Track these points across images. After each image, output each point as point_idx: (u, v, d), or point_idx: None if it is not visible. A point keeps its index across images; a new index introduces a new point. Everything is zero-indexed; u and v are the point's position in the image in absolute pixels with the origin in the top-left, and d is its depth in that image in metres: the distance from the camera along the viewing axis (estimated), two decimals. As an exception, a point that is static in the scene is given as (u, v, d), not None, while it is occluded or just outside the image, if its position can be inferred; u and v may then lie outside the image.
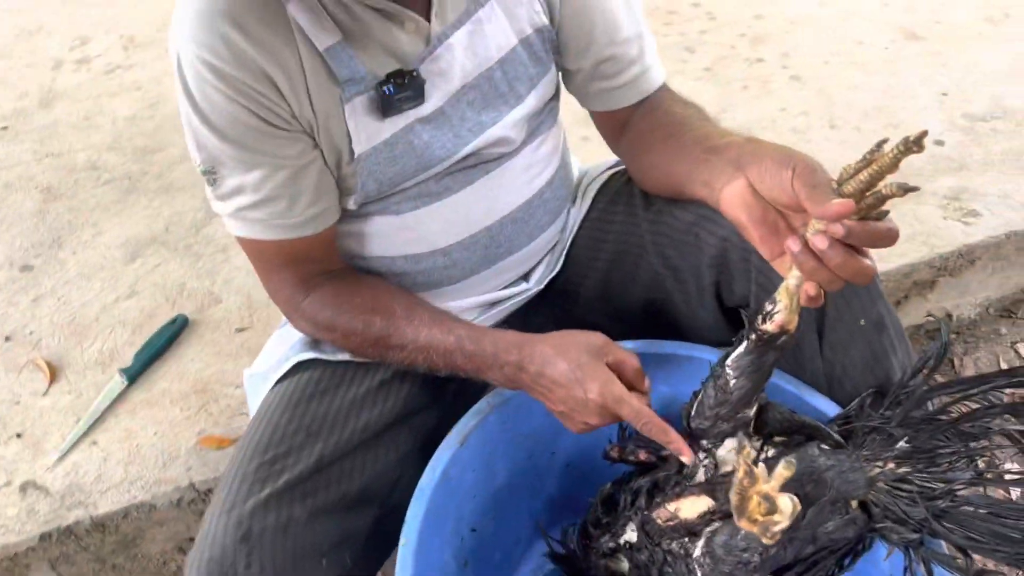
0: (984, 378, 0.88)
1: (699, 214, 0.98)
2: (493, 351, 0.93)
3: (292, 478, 0.91)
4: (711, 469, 0.92)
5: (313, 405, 0.99)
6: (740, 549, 0.82)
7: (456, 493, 0.99)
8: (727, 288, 0.99)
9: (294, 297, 0.99)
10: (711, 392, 0.89)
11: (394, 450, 1.01)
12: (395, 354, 0.97)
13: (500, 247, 1.05)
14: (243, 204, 0.92)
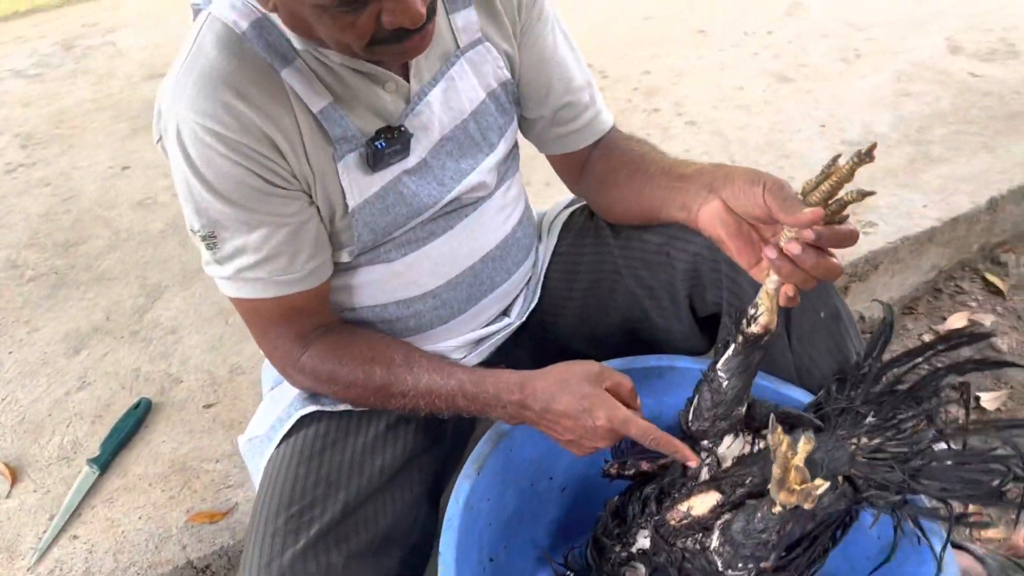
0: (926, 346, 1.00)
1: (667, 235, 1.08)
2: (495, 391, 0.98)
3: (323, 527, 0.93)
4: (714, 466, 1.00)
5: (327, 456, 1.01)
6: (759, 531, 0.89)
7: (477, 521, 1.02)
8: (700, 299, 1.09)
9: (292, 352, 1.02)
10: (707, 395, 0.97)
11: (408, 491, 1.04)
12: (397, 401, 1.01)
13: (483, 284, 1.12)
14: (244, 264, 0.95)
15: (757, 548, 0.90)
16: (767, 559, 0.91)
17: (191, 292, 1.67)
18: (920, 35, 2.37)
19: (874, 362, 1.03)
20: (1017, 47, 2.28)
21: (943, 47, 2.32)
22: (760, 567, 0.91)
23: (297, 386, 1.07)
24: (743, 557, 0.92)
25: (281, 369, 1.05)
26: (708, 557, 0.95)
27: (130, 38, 2.79)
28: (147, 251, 1.80)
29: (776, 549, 0.91)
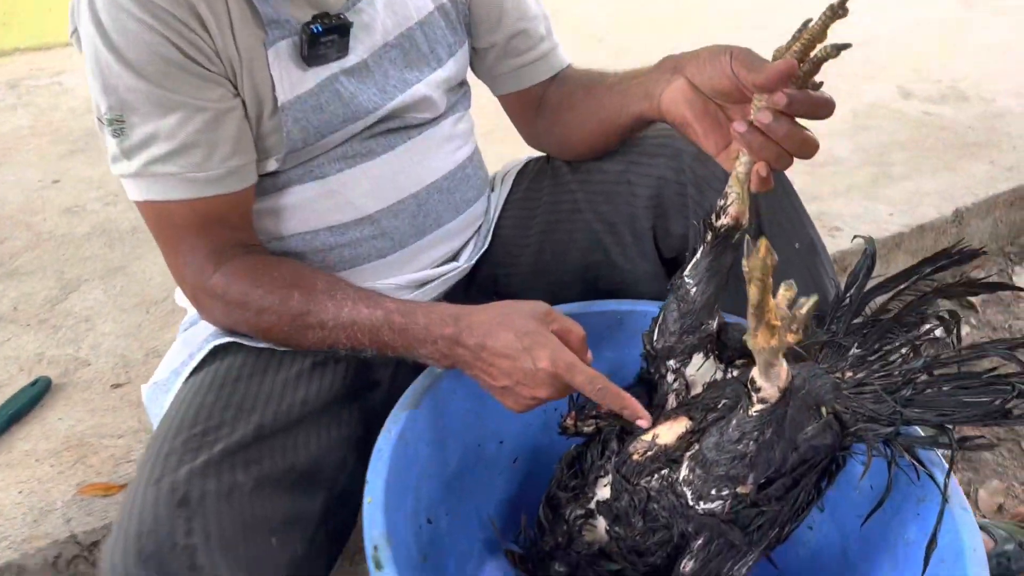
0: (911, 270, 0.92)
1: (628, 161, 1.00)
2: (425, 323, 0.85)
3: (230, 445, 0.79)
4: (682, 391, 0.88)
5: (242, 385, 0.87)
6: (733, 441, 0.77)
7: (413, 465, 0.88)
8: (664, 231, 0.99)
9: (203, 270, 0.88)
10: (673, 307, 0.86)
11: (335, 429, 0.90)
12: (315, 334, 0.87)
13: (428, 217, 1.01)
14: (154, 156, 0.84)
15: (732, 465, 0.77)
16: (744, 480, 0.78)
17: (111, 284, 1.53)
18: (872, 83, 2.40)
19: (856, 293, 0.94)
20: (966, 93, 2.32)
21: (895, 92, 2.34)
22: (736, 492, 0.78)
23: (206, 315, 0.93)
24: (716, 480, 0.78)
25: (191, 294, 0.92)
26: (676, 490, 0.81)
27: (78, 79, 2.72)
28: (68, 250, 1.66)
29: (754, 468, 0.78)
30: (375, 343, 0.86)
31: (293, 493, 0.81)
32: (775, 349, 0.66)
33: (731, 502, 0.79)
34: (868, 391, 0.87)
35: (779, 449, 0.80)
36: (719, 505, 0.79)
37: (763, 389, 0.73)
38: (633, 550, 0.85)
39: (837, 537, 0.94)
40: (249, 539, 0.73)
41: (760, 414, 0.74)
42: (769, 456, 0.80)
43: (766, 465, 0.80)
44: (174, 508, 0.71)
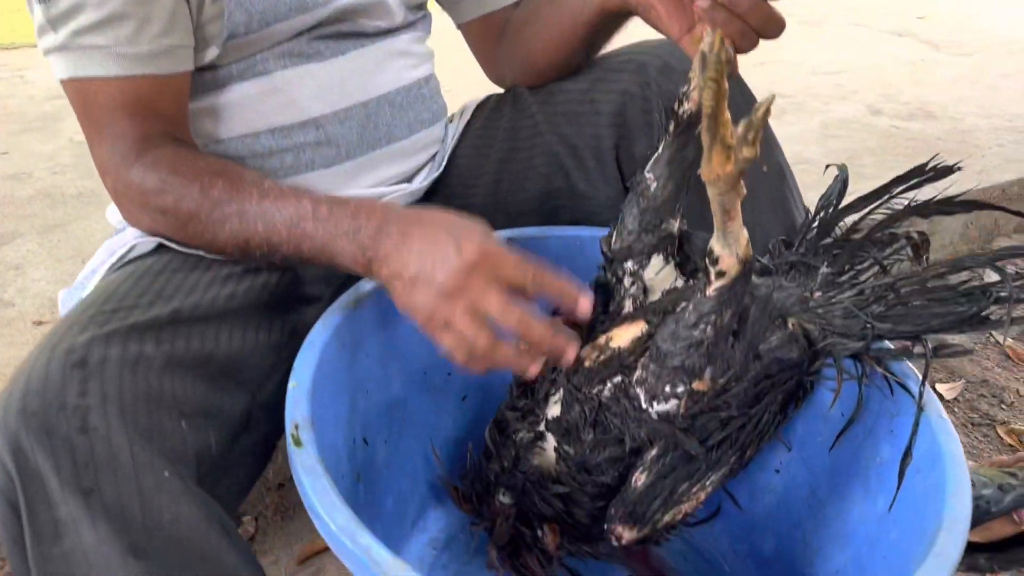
0: (882, 189, 0.88)
1: (592, 79, 0.96)
2: (355, 211, 0.75)
3: (142, 321, 0.71)
4: (639, 295, 0.82)
5: (163, 277, 0.79)
6: (690, 326, 0.71)
7: (349, 369, 0.81)
8: (627, 154, 0.94)
9: (127, 158, 0.80)
10: (632, 205, 0.80)
11: (265, 333, 0.82)
12: (231, 225, 0.77)
13: (379, 130, 0.95)
14: (82, 25, 0.77)
15: (688, 355, 0.71)
16: (700, 373, 0.71)
17: (49, 239, 1.45)
18: (842, 103, 2.41)
19: (827, 214, 0.90)
20: (935, 113, 2.33)
21: (865, 110, 2.35)
22: (692, 389, 0.72)
23: (125, 209, 0.84)
24: (671, 374, 0.72)
25: (111, 185, 0.83)
26: (629, 393, 0.75)
27: (41, 73, 2.66)
28: (7, 209, 1.58)
29: (712, 361, 0.72)
30: (293, 236, 0.76)
31: (211, 385, 0.73)
32: (732, 176, 0.59)
33: (687, 401, 0.72)
34: (838, 308, 0.82)
35: (739, 350, 0.74)
36: (674, 405, 0.72)
37: (721, 259, 0.67)
38: (582, 467, 0.78)
39: (806, 476, 0.88)
40: (153, 412, 0.65)
41: (719, 293, 0.68)
42: (727, 354, 0.73)
43: (724, 363, 0.73)
44: (68, 369, 0.63)
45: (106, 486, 0.59)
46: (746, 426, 0.76)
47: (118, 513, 0.59)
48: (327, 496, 0.60)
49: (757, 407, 0.77)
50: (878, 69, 2.85)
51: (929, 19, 3.83)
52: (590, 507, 0.80)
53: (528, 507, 0.84)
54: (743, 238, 0.67)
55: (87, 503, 0.58)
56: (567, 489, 0.80)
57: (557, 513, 0.81)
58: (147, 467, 0.61)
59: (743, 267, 0.68)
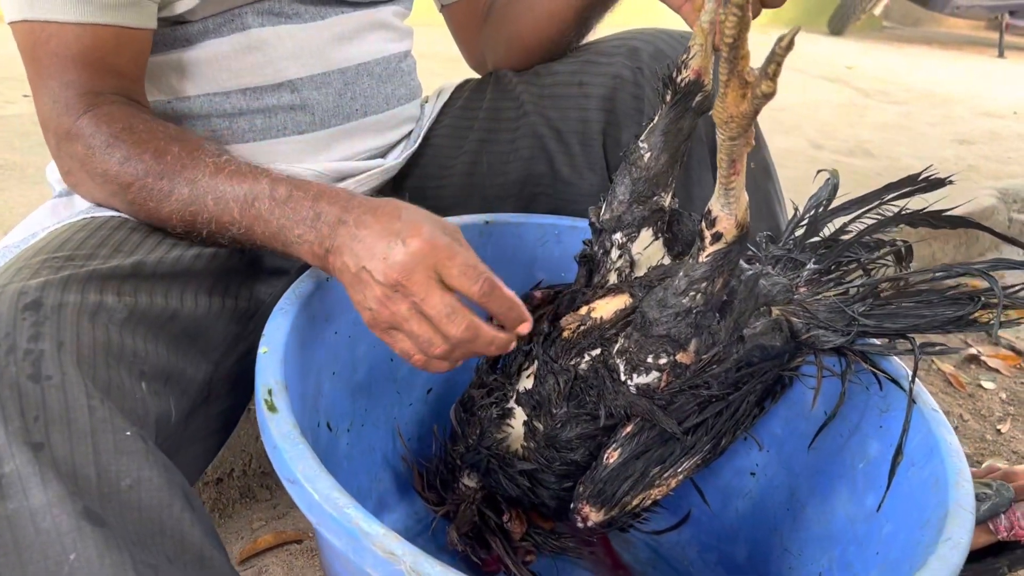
0: (873, 194, 0.88)
1: (582, 61, 0.93)
2: (316, 195, 0.69)
3: (102, 270, 0.64)
4: (626, 268, 0.79)
5: (122, 232, 0.72)
6: (679, 293, 0.68)
7: (317, 345, 0.76)
8: (614, 141, 0.92)
9: (72, 109, 0.73)
10: (624, 175, 0.77)
11: (232, 300, 0.76)
12: (179, 195, 0.70)
13: (355, 101, 0.90)
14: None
15: (675, 323, 0.68)
16: (685, 344, 0.69)
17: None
18: (784, 137, 2.47)
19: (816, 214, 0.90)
20: (872, 152, 2.41)
21: (807, 144, 2.42)
22: (676, 360, 0.69)
23: (64, 166, 0.76)
24: (654, 343, 0.69)
25: (53, 139, 0.75)
26: (608, 364, 0.71)
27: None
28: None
29: (698, 332, 0.69)
30: (245, 216, 0.69)
31: (173, 348, 0.66)
32: (746, 116, 0.56)
33: (668, 374, 0.69)
34: (822, 303, 0.81)
35: (724, 328, 0.72)
36: (655, 378, 0.69)
37: (719, 220, 0.65)
38: (552, 444, 0.74)
39: (784, 478, 0.85)
40: (113, 367, 0.58)
41: (713, 257, 0.66)
42: (713, 327, 0.71)
43: (710, 337, 0.71)
44: (19, 311, 0.56)
45: (58, 441, 0.52)
46: (723, 413, 0.74)
47: (70, 472, 0.52)
48: (307, 462, 0.55)
49: (736, 394, 0.74)
50: (814, 108, 2.95)
51: (857, 69, 4.00)
52: (557, 488, 0.77)
53: (494, 488, 0.80)
54: (743, 200, 0.65)
55: (36, 458, 0.51)
56: (533, 466, 0.76)
57: (523, 493, 0.76)
58: (106, 424, 0.54)
59: (740, 231, 0.65)
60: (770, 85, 0.53)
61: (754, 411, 0.78)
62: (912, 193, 0.88)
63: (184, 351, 0.68)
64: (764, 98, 0.54)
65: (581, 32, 0.95)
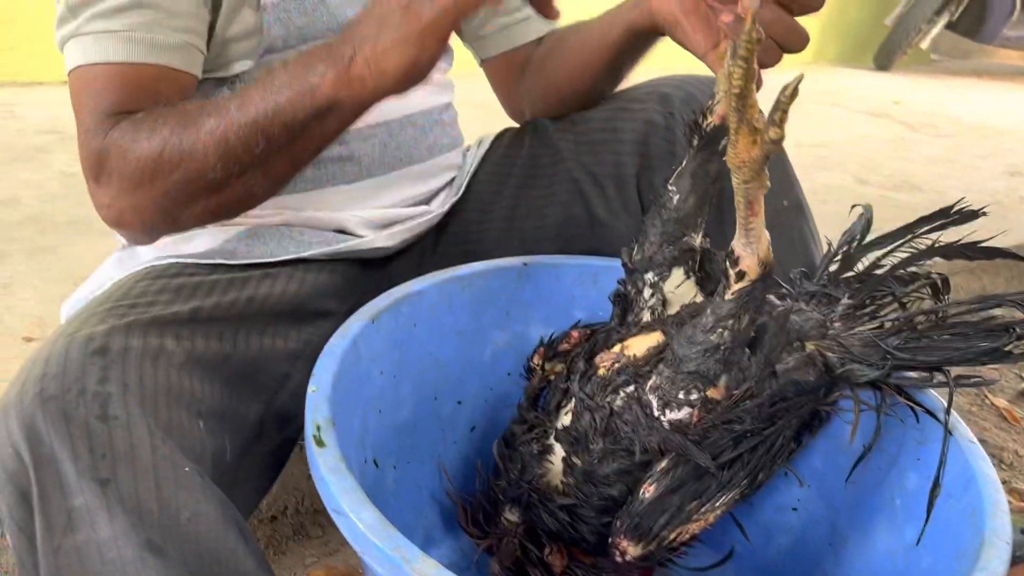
0: (906, 228, 0.89)
1: (615, 108, 0.97)
2: (321, 44, 0.70)
3: (163, 316, 0.69)
4: (659, 307, 0.81)
5: (181, 279, 0.77)
6: (707, 330, 0.70)
7: (364, 384, 0.79)
8: (648, 184, 0.95)
9: (100, 128, 0.75)
10: (655, 217, 0.80)
11: (282, 340, 0.80)
12: (206, 124, 0.70)
13: (400, 150, 0.95)
14: (101, 10, 0.75)
15: (704, 359, 0.70)
16: (715, 380, 0.70)
17: (38, 260, 1.42)
18: (827, 173, 2.47)
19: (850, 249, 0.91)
20: (919, 186, 2.39)
21: (852, 180, 2.41)
22: (706, 396, 0.71)
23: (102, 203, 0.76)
24: (685, 380, 0.71)
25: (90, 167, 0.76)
26: (642, 400, 0.73)
27: (32, 109, 2.65)
28: (-4, 233, 1.55)
29: (727, 368, 0.70)
30: (266, 99, 0.69)
31: (227, 388, 0.70)
32: (757, 161, 0.59)
33: (700, 410, 0.71)
34: (857, 337, 0.82)
35: (755, 363, 0.73)
36: (687, 413, 0.71)
37: (742, 259, 0.67)
38: (589, 479, 0.76)
39: (825, 512, 0.86)
40: (173, 407, 0.62)
41: (738, 296, 0.68)
42: (744, 364, 0.73)
43: (740, 373, 0.72)
44: (88, 355, 0.61)
45: (124, 477, 0.56)
46: (759, 447, 0.75)
47: (134, 506, 0.56)
48: (353, 494, 0.57)
49: (771, 429, 0.75)
50: (858, 144, 2.94)
51: (904, 104, 3.98)
52: (596, 523, 0.78)
53: (535, 523, 0.82)
54: (764, 239, 0.67)
55: (104, 493, 0.55)
56: (572, 501, 0.78)
57: (563, 528, 0.78)
58: (167, 460, 0.58)
59: (763, 270, 0.67)
60: (778, 132, 0.56)
61: (791, 446, 0.79)
62: (946, 225, 0.88)
63: (238, 390, 0.72)
64: (773, 144, 0.57)
65: (613, 82, 0.99)
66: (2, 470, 0.57)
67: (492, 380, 0.96)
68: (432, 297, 0.87)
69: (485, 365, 0.95)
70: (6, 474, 0.57)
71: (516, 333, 0.95)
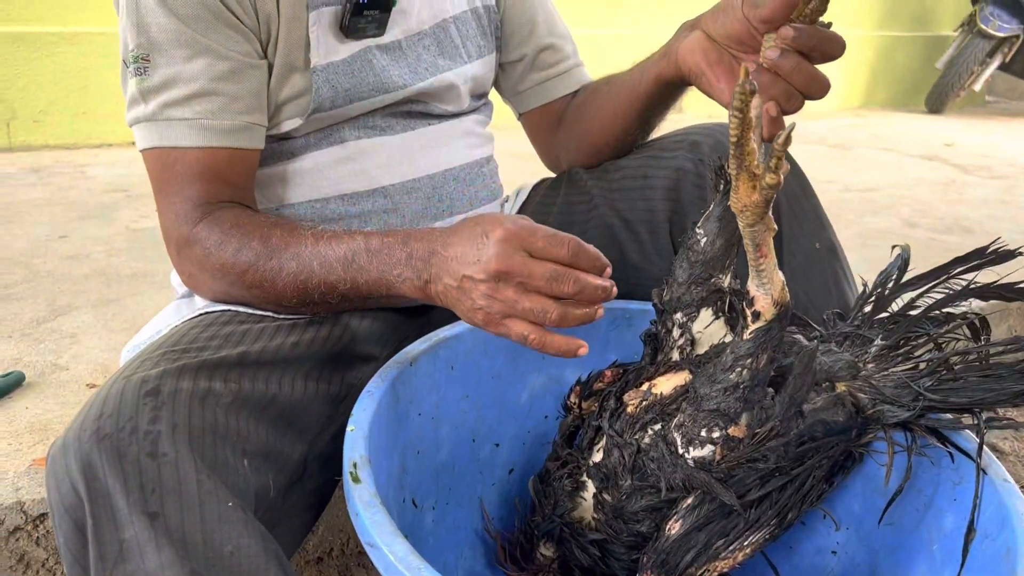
0: (941, 268, 0.90)
1: (646, 156, 1.00)
2: (405, 238, 0.79)
3: (212, 360, 0.73)
4: (687, 347, 0.83)
5: (231, 326, 0.82)
6: (726, 369, 0.71)
7: (402, 425, 0.82)
8: (680, 228, 0.97)
9: (190, 218, 0.84)
10: (683, 258, 0.82)
11: (325, 384, 0.83)
12: (289, 269, 0.80)
13: (442, 202, 0.99)
14: (172, 99, 0.83)
15: (724, 398, 0.71)
16: (736, 418, 0.71)
17: (103, 312, 1.49)
18: (876, 216, 2.46)
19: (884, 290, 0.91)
20: (970, 228, 2.36)
21: (901, 223, 2.39)
22: (728, 434, 0.72)
23: (186, 269, 0.87)
24: (706, 418, 0.72)
25: (175, 247, 0.87)
26: (667, 438, 0.75)
27: (101, 169, 2.79)
28: (64, 285, 1.63)
29: (748, 407, 0.71)
30: (348, 272, 0.79)
31: (272, 429, 0.74)
32: (758, 205, 0.61)
33: (723, 448, 0.72)
34: (889, 379, 0.82)
35: (779, 403, 0.74)
36: (710, 451, 0.72)
37: (756, 300, 0.68)
38: (619, 515, 0.77)
39: (865, 555, 0.85)
40: (219, 446, 0.66)
41: (755, 335, 0.69)
42: (766, 403, 0.74)
43: (762, 412, 0.73)
44: (141, 396, 0.65)
45: (171, 511, 0.59)
46: (787, 487, 0.75)
47: (180, 539, 0.59)
48: (385, 528, 0.60)
49: (800, 468, 0.76)
50: (909, 188, 2.91)
51: (956, 146, 3.93)
52: (626, 559, 0.80)
53: (568, 558, 0.83)
54: (778, 280, 0.68)
55: (152, 526, 0.58)
56: (602, 535, 0.79)
57: (594, 563, 0.80)
58: (212, 496, 0.61)
59: (779, 310, 0.69)
60: (773, 178, 0.59)
61: (822, 486, 0.79)
62: (982, 265, 0.88)
63: (282, 431, 0.75)
64: (771, 189, 0.60)
65: (645, 131, 1.02)
66: (60, 504, 0.61)
67: (529, 423, 0.98)
68: (469, 341, 0.90)
69: (522, 408, 0.97)
70: (64, 507, 0.61)
71: (552, 376, 0.97)
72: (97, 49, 3.08)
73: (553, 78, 1.09)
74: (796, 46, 0.71)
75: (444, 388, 0.88)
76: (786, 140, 0.57)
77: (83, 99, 3.13)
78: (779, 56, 0.71)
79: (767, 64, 0.72)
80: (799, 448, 0.75)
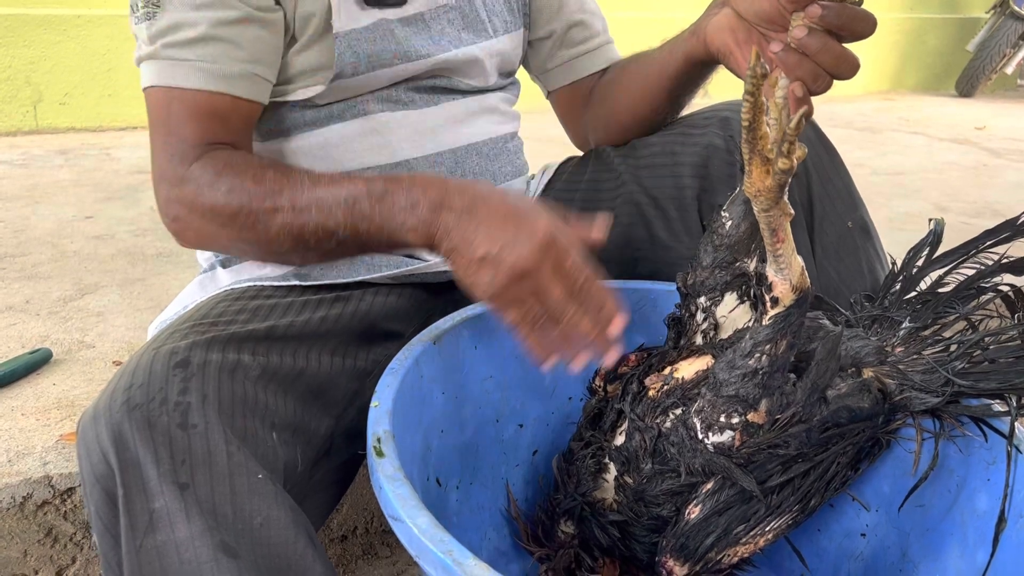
0: (971, 243, 0.88)
1: (675, 133, 0.98)
2: (410, 185, 0.74)
3: (240, 333, 0.73)
4: (710, 331, 0.82)
5: (259, 300, 0.82)
6: (745, 355, 0.70)
7: (426, 403, 0.81)
8: (709, 207, 0.95)
9: (184, 159, 0.81)
10: (708, 242, 0.81)
11: (352, 359, 0.83)
12: (283, 217, 0.76)
13: (465, 177, 0.98)
14: (175, 40, 0.82)
15: (743, 384, 0.70)
16: (755, 404, 0.70)
17: (129, 291, 1.50)
18: (905, 200, 2.42)
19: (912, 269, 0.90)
20: (1002, 212, 2.31)
21: (930, 207, 2.35)
22: (747, 420, 0.70)
23: (172, 216, 0.82)
24: (725, 403, 0.71)
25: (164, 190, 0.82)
26: (687, 423, 0.74)
27: (126, 151, 2.82)
28: (91, 265, 1.64)
29: (767, 393, 0.70)
30: (349, 218, 0.74)
31: (299, 402, 0.74)
32: (772, 190, 0.60)
33: (742, 433, 0.71)
34: (918, 363, 0.80)
35: (801, 388, 0.73)
36: (729, 437, 0.71)
37: (774, 286, 0.67)
38: (640, 498, 0.76)
39: (896, 538, 0.84)
40: (248, 417, 0.66)
41: (774, 321, 0.68)
42: (787, 389, 0.72)
43: (782, 398, 0.72)
44: (171, 368, 0.65)
45: (201, 482, 0.59)
46: (810, 473, 0.74)
47: (211, 510, 0.59)
48: (409, 501, 0.59)
49: (823, 454, 0.75)
50: (939, 172, 2.87)
51: (987, 130, 3.86)
52: (647, 541, 0.79)
53: (588, 537, 0.83)
54: (796, 265, 0.67)
55: (182, 496, 0.59)
56: (623, 517, 0.78)
57: (614, 543, 0.79)
58: (241, 467, 0.61)
59: (797, 295, 0.67)
60: (786, 162, 0.58)
61: (847, 473, 0.78)
62: (1013, 238, 0.86)
63: (309, 405, 0.75)
64: (783, 174, 0.59)
65: (674, 109, 1.01)
66: (91, 473, 0.62)
67: (553, 405, 0.98)
68: (493, 320, 0.89)
69: (546, 389, 0.96)
70: (95, 477, 0.61)
71: (577, 357, 0.96)
72: (123, 32, 3.09)
73: (582, 55, 1.07)
74: (824, 24, 0.69)
75: (468, 367, 0.88)
76: (798, 124, 0.56)
77: (109, 82, 3.15)
78: (806, 35, 0.69)
79: (794, 44, 0.70)
80: (823, 434, 0.74)
